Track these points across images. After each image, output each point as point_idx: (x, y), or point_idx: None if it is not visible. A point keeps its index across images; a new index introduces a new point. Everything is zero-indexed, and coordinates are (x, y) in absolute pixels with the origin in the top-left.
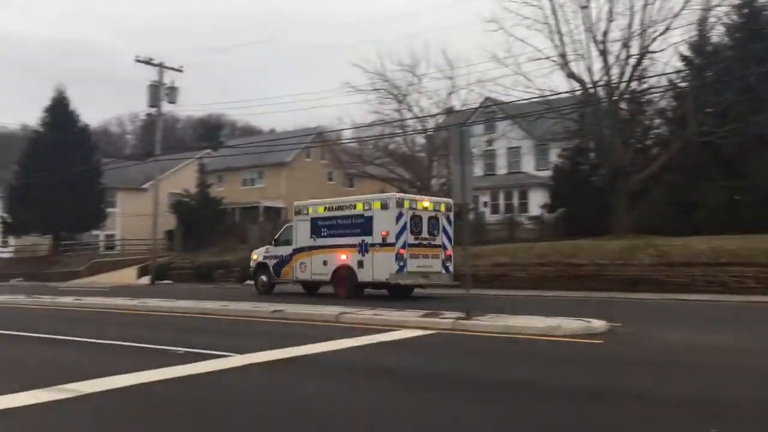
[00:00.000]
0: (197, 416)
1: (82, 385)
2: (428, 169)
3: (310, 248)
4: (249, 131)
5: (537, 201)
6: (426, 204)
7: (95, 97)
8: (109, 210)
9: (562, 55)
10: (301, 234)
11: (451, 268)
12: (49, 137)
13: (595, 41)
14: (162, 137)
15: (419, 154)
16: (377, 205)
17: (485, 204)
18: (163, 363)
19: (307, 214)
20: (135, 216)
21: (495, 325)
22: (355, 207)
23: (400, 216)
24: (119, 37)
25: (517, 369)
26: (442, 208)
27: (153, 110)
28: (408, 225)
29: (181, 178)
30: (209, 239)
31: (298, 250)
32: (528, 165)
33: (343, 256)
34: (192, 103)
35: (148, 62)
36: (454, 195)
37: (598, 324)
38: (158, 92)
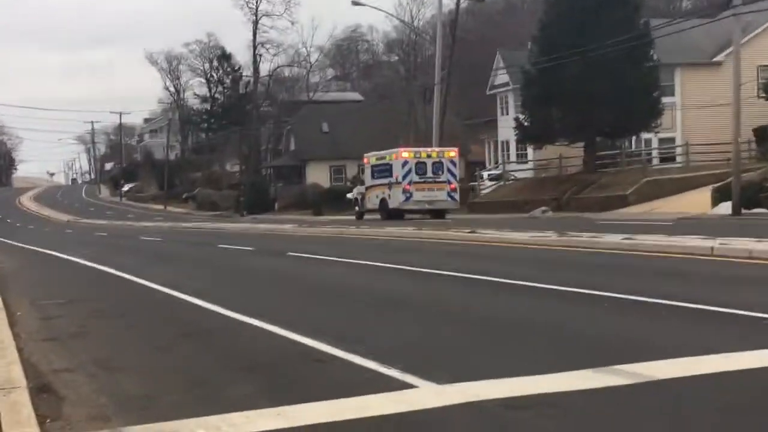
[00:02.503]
0: None
1: (646, 366)
2: None
3: (370, 187)
4: None
5: None
6: (430, 152)
7: None
8: (664, 100)
9: None
10: (367, 177)
11: (456, 197)
12: None
13: None
14: None
15: None
16: (394, 156)
17: None
18: (753, 339)
19: (368, 163)
20: (702, 107)
21: None
22: (384, 158)
23: (405, 163)
24: None
25: None
26: (447, 155)
27: None
28: (412, 168)
29: None
30: None
31: (367, 188)
32: None
33: (381, 192)
34: None
35: None
36: None
37: None
38: None
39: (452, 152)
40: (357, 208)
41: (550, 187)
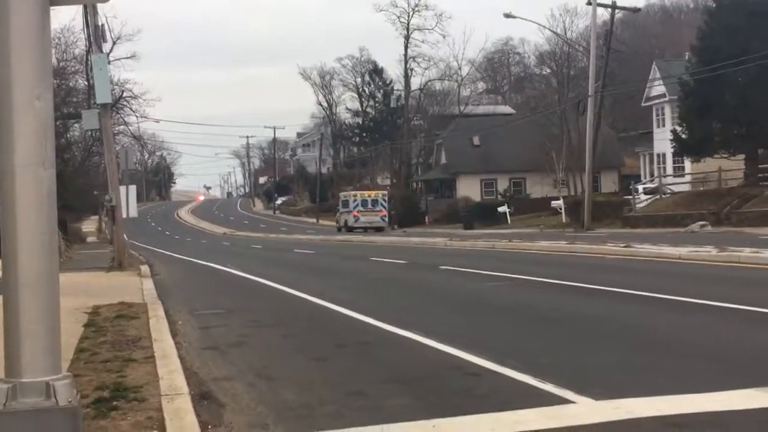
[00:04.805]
0: None
1: None
2: None
3: (341, 212)
4: None
5: None
6: (370, 193)
7: None
8: None
9: None
10: (341, 207)
11: (386, 220)
12: (731, 6)
13: None
14: None
15: None
16: (349, 196)
17: None
18: None
19: (341, 198)
20: None
21: None
22: (346, 197)
23: (355, 199)
24: None
25: None
26: (380, 195)
27: None
28: (359, 203)
29: None
30: None
31: (341, 213)
32: None
33: (346, 217)
34: None
35: None
36: None
37: None
38: None
39: (383, 192)
40: (337, 225)
41: (708, 201)
